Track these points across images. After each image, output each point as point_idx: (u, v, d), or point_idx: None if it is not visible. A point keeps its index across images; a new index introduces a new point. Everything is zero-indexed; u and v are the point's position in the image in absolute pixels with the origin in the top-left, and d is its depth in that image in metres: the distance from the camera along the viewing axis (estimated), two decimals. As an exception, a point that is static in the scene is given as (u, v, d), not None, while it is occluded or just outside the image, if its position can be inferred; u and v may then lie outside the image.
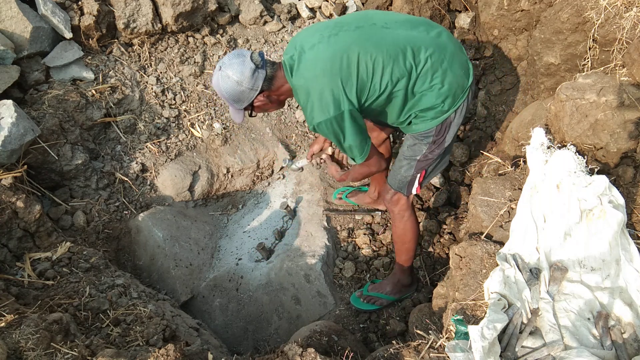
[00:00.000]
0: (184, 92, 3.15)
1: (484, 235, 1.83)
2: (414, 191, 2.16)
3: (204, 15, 3.25)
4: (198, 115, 3.14)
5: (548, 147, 1.78)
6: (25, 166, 2.34)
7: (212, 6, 3.23)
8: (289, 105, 3.43)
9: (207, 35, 3.32)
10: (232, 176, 3.19)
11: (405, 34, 1.83)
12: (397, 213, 2.22)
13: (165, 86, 3.10)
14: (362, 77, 1.77)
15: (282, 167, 2.87)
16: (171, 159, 2.98)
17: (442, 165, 2.18)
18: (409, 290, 2.46)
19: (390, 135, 2.65)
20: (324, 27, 1.86)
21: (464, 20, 3.03)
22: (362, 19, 1.87)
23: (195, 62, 3.23)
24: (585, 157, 1.75)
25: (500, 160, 2.29)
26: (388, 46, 1.77)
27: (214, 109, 3.21)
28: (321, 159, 2.34)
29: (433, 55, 1.81)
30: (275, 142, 3.27)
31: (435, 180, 2.93)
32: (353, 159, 1.98)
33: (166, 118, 3.05)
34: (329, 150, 2.32)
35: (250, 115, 1.99)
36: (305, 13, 3.65)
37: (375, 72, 1.77)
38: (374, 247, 2.75)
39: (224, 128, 3.18)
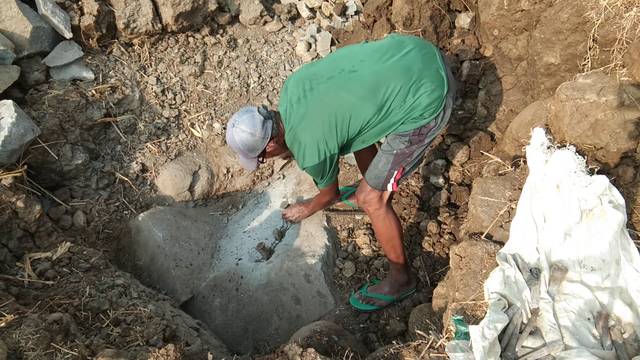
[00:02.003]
0: (184, 92, 3.15)
1: (484, 235, 1.83)
2: (389, 188, 2.21)
3: (204, 15, 3.25)
4: (198, 115, 3.14)
5: (548, 147, 1.78)
6: (25, 166, 2.34)
7: (212, 6, 3.23)
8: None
9: (207, 35, 3.32)
10: (232, 176, 3.19)
11: (372, 72, 2.01)
12: (372, 212, 2.28)
13: (165, 86, 3.10)
14: (340, 128, 2.04)
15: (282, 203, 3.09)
16: (171, 159, 2.98)
17: (419, 163, 2.26)
18: (408, 289, 2.47)
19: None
20: (305, 76, 2.11)
21: (464, 20, 3.03)
22: (333, 65, 2.09)
23: (195, 62, 3.23)
24: (585, 157, 1.74)
25: (500, 160, 2.29)
26: (357, 91, 1.99)
27: (214, 109, 3.21)
28: (291, 220, 2.87)
29: (400, 84, 1.98)
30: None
31: (436, 180, 2.93)
32: (317, 185, 2.36)
33: (166, 118, 3.04)
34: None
35: (262, 162, 2.27)
36: (305, 13, 3.65)
37: (351, 120, 2.02)
38: (374, 247, 2.75)
39: (224, 128, 3.17)
